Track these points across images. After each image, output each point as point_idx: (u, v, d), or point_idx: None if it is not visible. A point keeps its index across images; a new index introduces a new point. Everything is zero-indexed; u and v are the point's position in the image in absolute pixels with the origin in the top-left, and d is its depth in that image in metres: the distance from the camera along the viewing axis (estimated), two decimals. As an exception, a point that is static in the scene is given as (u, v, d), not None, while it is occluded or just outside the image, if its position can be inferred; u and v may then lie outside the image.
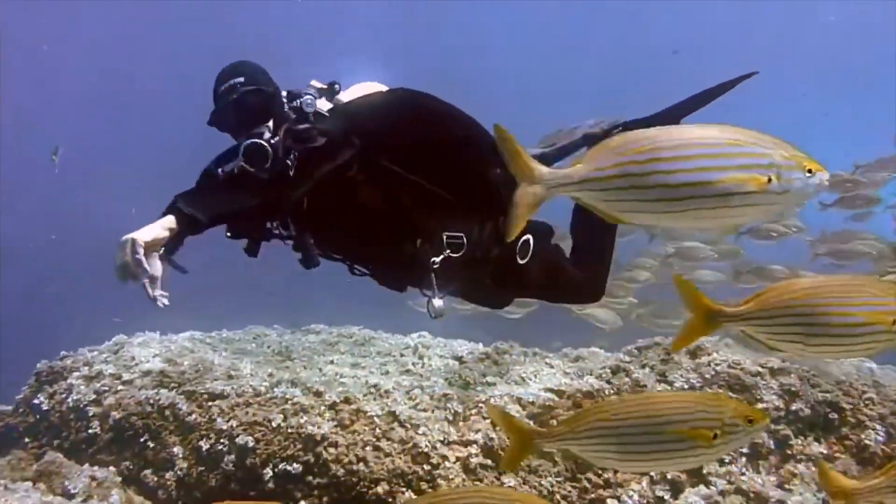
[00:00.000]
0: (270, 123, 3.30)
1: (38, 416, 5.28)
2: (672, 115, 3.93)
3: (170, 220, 2.88)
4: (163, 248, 2.94)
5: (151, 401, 4.97)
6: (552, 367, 5.99)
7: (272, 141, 3.21)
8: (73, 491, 4.22)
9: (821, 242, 8.47)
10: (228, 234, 3.35)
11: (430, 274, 3.54)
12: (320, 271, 3.59)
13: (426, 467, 4.51)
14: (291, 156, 3.23)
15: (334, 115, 3.47)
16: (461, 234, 3.55)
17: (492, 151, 3.71)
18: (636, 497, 4.41)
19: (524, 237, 3.76)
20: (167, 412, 4.93)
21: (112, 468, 4.69)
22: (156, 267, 2.87)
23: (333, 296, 11.29)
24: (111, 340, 6.09)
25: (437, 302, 3.61)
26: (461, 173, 3.58)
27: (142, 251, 2.74)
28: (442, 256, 3.50)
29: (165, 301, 2.91)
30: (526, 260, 3.79)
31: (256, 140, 3.19)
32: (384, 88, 3.70)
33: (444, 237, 3.52)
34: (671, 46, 20.26)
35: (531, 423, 4.75)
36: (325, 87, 3.57)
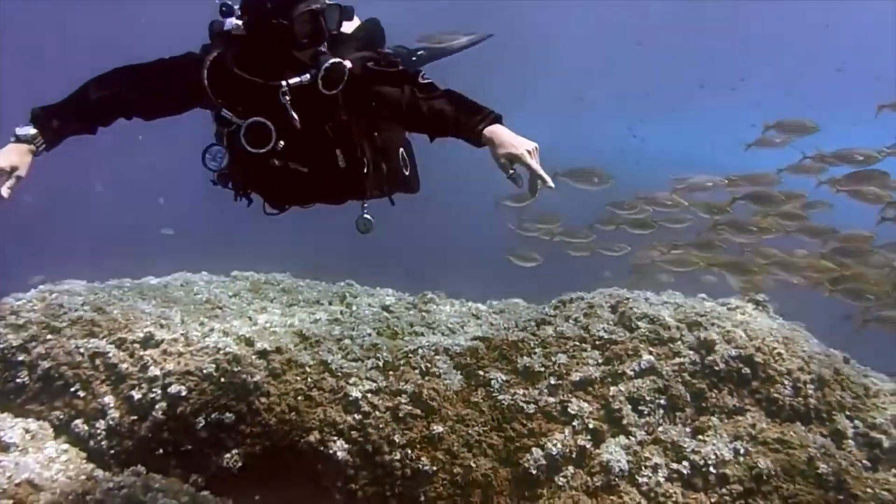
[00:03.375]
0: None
1: (-39, 365, 5.16)
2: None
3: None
4: None
5: (82, 350, 4.94)
6: (478, 317, 6.15)
7: (348, 64, 3.24)
8: (8, 441, 4.20)
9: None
10: None
11: (367, 184, 3.66)
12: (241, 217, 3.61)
13: (357, 416, 4.63)
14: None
15: (353, 43, 3.49)
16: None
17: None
18: (559, 446, 4.58)
19: (399, 150, 4.00)
20: (97, 361, 4.92)
21: (43, 419, 4.67)
22: None
23: (253, 241, 11.25)
24: (37, 289, 5.99)
25: (367, 216, 3.79)
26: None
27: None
28: (365, 169, 3.62)
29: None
30: (409, 170, 4.07)
31: (339, 60, 3.21)
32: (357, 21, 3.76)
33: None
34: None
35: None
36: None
